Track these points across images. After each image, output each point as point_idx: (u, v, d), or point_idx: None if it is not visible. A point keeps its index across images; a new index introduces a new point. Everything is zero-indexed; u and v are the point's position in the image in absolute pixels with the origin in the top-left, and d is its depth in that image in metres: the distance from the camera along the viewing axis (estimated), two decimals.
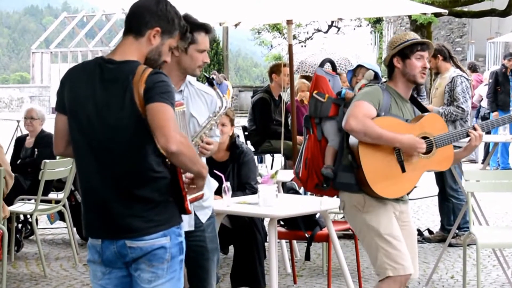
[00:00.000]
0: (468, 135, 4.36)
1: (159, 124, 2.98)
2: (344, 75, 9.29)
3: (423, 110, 4.46)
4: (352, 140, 4.20)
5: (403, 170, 4.21)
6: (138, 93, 3.03)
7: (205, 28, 3.96)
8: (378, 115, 4.19)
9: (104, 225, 3.18)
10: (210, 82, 4.12)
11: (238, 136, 6.21)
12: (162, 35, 3.21)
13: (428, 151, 4.25)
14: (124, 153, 3.10)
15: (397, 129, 4.18)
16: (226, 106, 3.96)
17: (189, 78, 4.06)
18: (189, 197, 3.22)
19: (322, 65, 4.61)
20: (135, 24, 3.20)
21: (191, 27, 3.63)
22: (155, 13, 3.19)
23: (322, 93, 4.46)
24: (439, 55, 7.47)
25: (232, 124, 5.88)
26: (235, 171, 5.85)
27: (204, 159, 4.04)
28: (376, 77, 4.64)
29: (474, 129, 4.36)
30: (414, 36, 4.32)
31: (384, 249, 4.22)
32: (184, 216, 3.28)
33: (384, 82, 4.40)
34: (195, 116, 4.00)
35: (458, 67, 7.50)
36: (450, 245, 7.33)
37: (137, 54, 3.18)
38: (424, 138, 4.25)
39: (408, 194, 4.40)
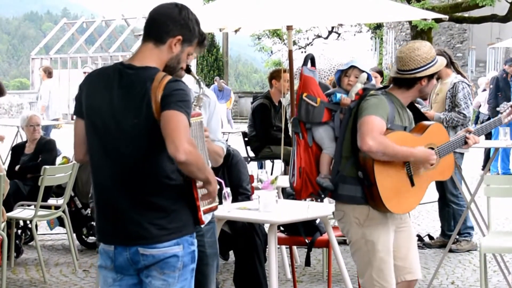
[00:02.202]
0: (466, 142, 4.35)
1: (170, 132, 2.96)
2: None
3: (421, 115, 4.39)
4: (366, 157, 4.06)
5: (413, 184, 4.16)
6: (155, 100, 3.02)
7: None
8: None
9: (117, 231, 3.17)
10: (197, 82, 4.01)
11: (225, 140, 6.20)
12: (182, 43, 3.20)
13: None
14: (139, 159, 3.08)
15: (407, 143, 4.10)
16: (204, 90, 3.86)
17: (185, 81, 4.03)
18: (203, 208, 3.20)
19: (306, 62, 4.44)
20: (156, 31, 3.18)
21: None
22: (178, 21, 3.18)
23: (313, 96, 4.30)
24: None
25: None
26: (226, 175, 5.86)
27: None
28: (368, 79, 4.52)
29: (469, 133, 4.36)
30: (434, 50, 4.25)
31: (377, 266, 4.17)
32: None
33: (384, 88, 4.30)
34: None
35: (459, 72, 7.49)
36: (451, 250, 7.32)
37: (157, 61, 3.17)
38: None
39: None
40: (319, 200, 4.39)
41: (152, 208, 3.10)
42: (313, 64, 4.46)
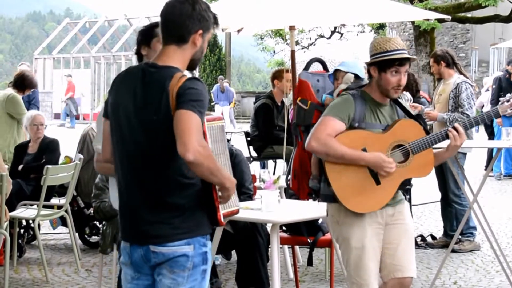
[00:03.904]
0: (448, 137, 4.19)
1: (180, 132, 2.98)
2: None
3: (406, 111, 4.25)
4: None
5: (378, 183, 4.09)
6: (172, 98, 3.05)
7: None
8: (351, 126, 4.07)
9: (131, 229, 3.23)
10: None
11: (228, 140, 6.21)
12: (203, 34, 3.24)
13: (404, 159, 4.12)
14: (157, 156, 3.11)
15: (366, 142, 4.04)
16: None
17: None
18: (223, 211, 3.20)
19: (307, 67, 4.50)
20: (177, 33, 3.20)
21: (153, 24, 3.77)
22: (196, 18, 3.20)
23: (305, 100, 4.36)
24: (442, 61, 7.47)
25: None
26: None
27: None
28: (358, 77, 4.49)
29: (455, 128, 4.18)
30: (396, 46, 4.08)
31: (353, 263, 4.17)
32: None
33: (363, 86, 4.24)
34: None
35: (461, 73, 7.49)
36: (453, 250, 7.31)
37: (181, 60, 3.20)
38: (398, 146, 4.11)
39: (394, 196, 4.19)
40: (317, 200, 4.39)
41: (166, 207, 3.13)
42: (325, 68, 4.51)
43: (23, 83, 8.75)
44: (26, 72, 8.99)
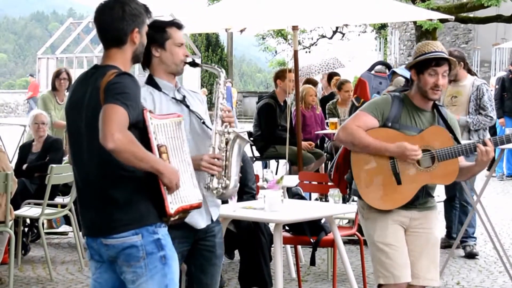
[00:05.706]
0: (475, 150, 4.16)
1: (101, 123, 3.04)
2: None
3: (446, 122, 4.27)
4: (347, 151, 4.28)
5: (399, 183, 4.16)
6: (101, 94, 3.13)
7: (176, 24, 3.95)
8: (385, 125, 4.16)
9: (84, 224, 3.36)
10: (193, 64, 3.97)
11: None
12: (139, 30, 3.33)
13: (431, 164, 4.17)
14: (97, 152, 3.16)
15: (394, 141, 4.12)
16: (223, 72, 3.92)
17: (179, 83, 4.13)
18: (181, 204, 3.22)
19: (371, 68, 4.63)
20: (114, 37, 3.30)
21: (164, 25, 3.81)
22: (127, 19, 3.29)
23: (359, 98, 4.52)
24: (461, 62, 6.97)
25: None
26: None
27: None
28: (409, 81, 4.56)
29: (484, 143, 4.15)
30: (433, 48, 4.16)
31: (377, 256, 4.25)
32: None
33: (406, 90, 4.32)
34: (195, 112, 3.98)
35: (473, 74, 7.25)
36: (458, 247, 7.30)
37: (122, 60, 3.31)
38: (425, 151, 4.15)
39: (418, 200, 4.24)
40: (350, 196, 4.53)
41: (109, 200, 3.21)
42: (389, 69, 4.60)
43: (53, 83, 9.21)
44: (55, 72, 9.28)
